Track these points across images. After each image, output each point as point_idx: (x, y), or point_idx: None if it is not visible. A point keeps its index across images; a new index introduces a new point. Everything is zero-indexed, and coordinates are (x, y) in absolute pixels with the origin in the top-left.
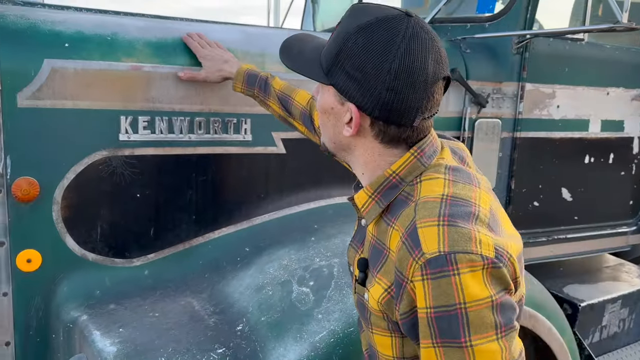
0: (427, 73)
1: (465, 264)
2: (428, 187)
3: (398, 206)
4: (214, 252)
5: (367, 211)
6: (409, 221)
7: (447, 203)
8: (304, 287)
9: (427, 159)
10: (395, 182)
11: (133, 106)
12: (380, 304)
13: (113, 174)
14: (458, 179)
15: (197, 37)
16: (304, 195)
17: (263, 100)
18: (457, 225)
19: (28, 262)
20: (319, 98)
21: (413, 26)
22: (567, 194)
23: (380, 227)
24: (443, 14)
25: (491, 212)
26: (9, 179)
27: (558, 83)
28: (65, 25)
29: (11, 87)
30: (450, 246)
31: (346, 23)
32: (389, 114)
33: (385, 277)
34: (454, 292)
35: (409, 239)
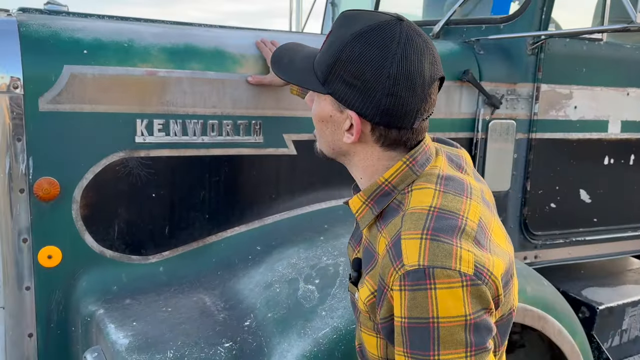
0: (424, 76)
1: (442, 280)
2: (417, 197)
3: (390, 214)
4: (226, 251)
5: (361, 216)
6: (395, 231)
7: (433, 215)
8: (310, 285)
9: (419, 167)
10: (387, 189)
11: (148, 109)
12: (366, 305)
13: (129, 175)
14: (449, 189)
15: (270, 44)
16: (315, 195)
17: None
18: (439, 239)
19: (49, 258)
20: (314, 107)
21: (406, 31)
22: (586, 196)
23: (372, 231)
24: (458, 15)
25: (480, 225)
26: (31, 179)
27: (575, 84)
28: (84, 33)
29: (33, 92)
30: (430, 260)
31: (339, 32)
32: (390, 119)
33: (372, 279)
34: (429, 305)
35: (392, 249)
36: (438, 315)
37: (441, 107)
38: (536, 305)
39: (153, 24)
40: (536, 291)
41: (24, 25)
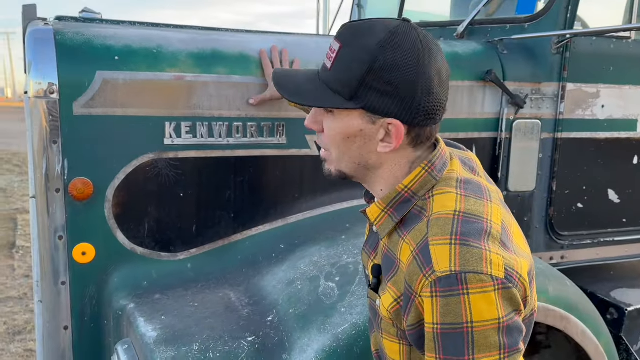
0: (446, 68)
1: (475, 284)
2: (440, 202)
3: (411, 220)
4: (251, 249)
5: (380, 224)
6: (421, 237)
7: (459, 220)
8: (330, 282)
9: (437, 172)
10: (407, 196)
11: (176, 113)
12: (390, 313)
13: (159, 175)
14: (469, 193)
15: (276, 53)
16: (337, 195)
17: None
18: (468, 244)
19: (83, 255)
20: (330, 128)
21: (417, 30)
22: (614, 196)
23: (392, 238)
24: (482, 15)
25: (503, 227)
26: (66, 179)
27: (602, 82)
28: (115, 40)
29: (68, 97)
30: (461, 266)
31: (357, 43)
32: (428, 117)
33: (395, 286)
34: (462, 311)
35: (420, 255)
36: (472, 320)
37: (464, 107)
38: (559, 305)
39: (181, 30)
40: (559, 291)
41: (60, 34)
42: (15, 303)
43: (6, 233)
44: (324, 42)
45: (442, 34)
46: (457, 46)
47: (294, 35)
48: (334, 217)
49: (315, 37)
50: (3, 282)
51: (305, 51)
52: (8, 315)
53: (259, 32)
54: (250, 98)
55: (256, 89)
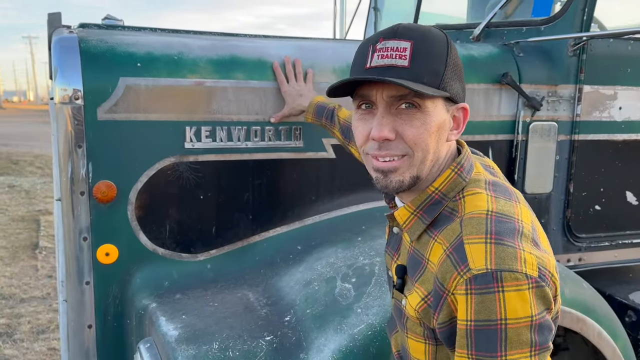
0: None
1: (510, 282)
2: (472, 202)
3: (442, 221)
4: (269, 250)
5: (409, 226)
6: (455, 236)
7: (492, 219)
8: (347, 284)
9: (466, 174)
10: (437, 198)
11: (196, 117)
12: (418, 312)
13: (180, 178)
14: (499, 194)
15: (290, 66)
16: (353, 197)
17: (330, 128)
18: (503, 243)
19: (107, 256)
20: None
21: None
22: (632, 198)
23: (421, 239)
24: (499, 17)
25: (532, 226)
26: (90, 182)
27: (620, 84)
28: (137, 47)
29: (92, 103)
30: (497, 264)
31: (431, 39)
32: (464, 95)
33: (423, 286)
34: (497, 308)
35: (454, 254)
36: (506, 317)
37: (480, 110)
38: (575, 307)
39: (201, 36)
40: (575, 293)
41: (84, 41)
42: (38, 303)
43: (29, 234)
44: (340, 47)
45: (459, 36)
46: (473, 49)
47: (311, 40)
48: (350, 219)
49: (331, 42)
50: (27, 282)
51: (322, 57)
52: (32, 314)
53: (276, 37)
54: (272, 117)
55: (273, 94)
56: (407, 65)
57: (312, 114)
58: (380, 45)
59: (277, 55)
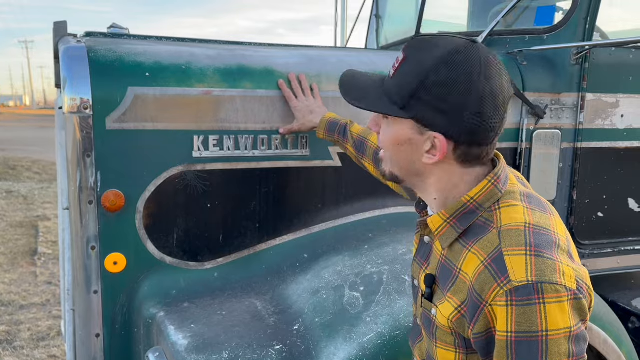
0: (504, 93)
1: (551, 294)
2: (508, 214)
3: (476, 231)
4: (275, 258)
5: (441, 234)
6: (493, 248)
7: (530, 232)
8: (355, 292)
9: (502, 185)
10: (472, 207)
11: (204, 126)
12: (451, 321)
13: (187, 187)
14: (534, 206)
15: (295, 83)
16: (359, 205)
17: (342, 144)
18: (543, 255)
19: (115, 264)
20: (387, 131)
21: (483, 52)
22: (635, 204)
23: (453, 248)
24: (501, 26)
25: (567, 239)
26: (99, 191)
27: (622, 92)
28: (145, 57)
29: (101, 112)
30: (537, 276)
31: (417, 57)
32: (475, 137)
33: (456, 296)
34: (538, 320)
35: (493, 265)
36: (547, 328)
37: None
38: None
39: (207, 45)
40: None
41: (92, 51)
42: (38, 309)
43: (28, 240)
44: (345, 56)
45: None
46: None
47: (316, 48)
48: (357, 227)
49: (336, 50)
50: (26, 288)
51: (328, 66)
52: (32, 321)
53: (281, 46)
54: (280, 128)
55: (280, 102)
56: (391, 76)
57: (324, 130)
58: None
59: (284, 64)
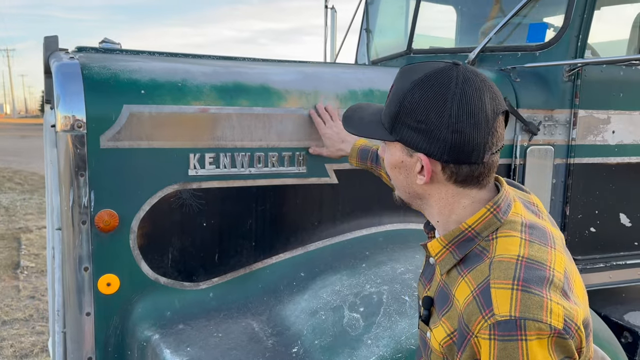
0: (486, 110)
1: (533, 332)
2: (503, 245)
3: (472, 259)
4: (272, 277)
5: (440, 259)
6: (483, 278)
7: (522, 265)
8: (355, 313)
9: (502, 215)
10: (470, 235)
11: (200, 144)
12: (442, 347)
13: (182, 205)
14: (534, 238)
15: (323, 112)
16: (356, 222)
17: (376, 170)
18: (530, 291)
19: (108, 286)
20: (386, 157)
21: (463, 73)
22: (626, 220)
23: (451, 273)
24: (494, 42)
25: (565, 275)
26: (92, 211)
27: (613, 109)
28: (141, 74)
29: (95, 131)
30: (521, 312)
31: (399, 84)
32: (458, 155)
33: (449, 321)
34: (520, 356)
35: (480, 296)
36: None
37: None
38: None
39: (202, 61)
40: None
41: (86, 68)
42: (21, 325)
43: (10, 253)
44: (341, 73)
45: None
46: None
47: (310, 65)
48: (354, 245)
49: (331, 67)
50: (8, 303)
51: (323, 83)
52: (14, 337)
53: (276, 62)
54: (311, 147)
55: (277, 120)
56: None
57: (357, 158)
58: None
59: (280, 81)
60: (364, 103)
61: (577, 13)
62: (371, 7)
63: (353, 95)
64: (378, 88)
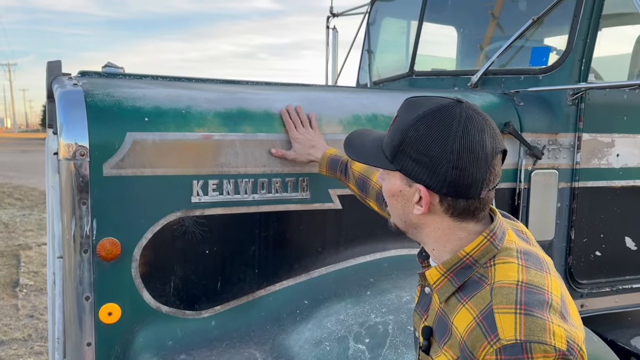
0: (486, 149)
1: (539, 354)
2: (502, 271)
3: (471, 286)
4: (275, 304)
5: (439, 287)
6: (485, 304)
7: (522, 290)
8: (360, 344)
9: (499, 242)
10: (469, 263)
11: (204, 171)
12: None
13: (185, 233)
14: (530, 264)
15: (294, 114)
16: (360, 248)
17: (345, 182)
18: (533, 314)
19: (109, 315)
20: (384, 184)
21: (466, 110)
22: (631, 243)
23: (449, 302)
24: (496, 65)
25: (562, 299)
26: (94, 240)
27: (617, 132)
28: (144, 101)
29: (98, 159)
30: (526, 335)
31: (404, 116)
32: (457, 190)
33: (451, 350)
34: None
35: (484, 322)
36: None
37: None
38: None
39: (205, 86)
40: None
41: (90, 95)
42: (19, 345)
43: (9, 270)
44: (345, 98)
45: (455, 82)
46: (475, 98)
47: (315, 89)
48: (358, 271)
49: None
50: (7, 322)
51: (327, 109)
52: (12, 358)
53: (279, 85)
54: (273, 148)
55: (281, 145)
56: (386, 133)
57: (327, 167)
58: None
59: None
60: (365, 129)
61: (580, 37)
62: (372, 28)
63: (357, 120)
64: (382, 113)
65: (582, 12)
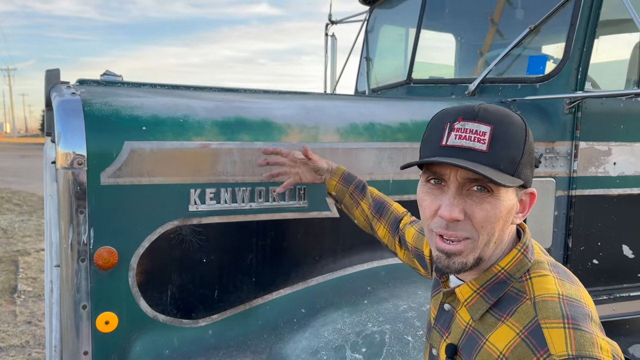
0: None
1: None
2: (540, 284)
3: (508, 301)
4: (272, 313)
5: (470, 304)
6: (529, 319)
7: (565, 304)
8: (357, 354)
9: (531, 255)
10: (503, 277)
11: (201, 180)
12: None
13: (182, 242)
14: (562, 277)
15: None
16: (357, 257)
17: (356, 198)
18: (581, 328)
19: (106, 324)
20: (493, 208)
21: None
22: (629, 251)
23: (484, 319)
24: (494, 74)
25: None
26: (91, 248)
27: (614, 140)
28: (142, 110)
29: (96, 168)
30: (577, 350)
31: (510, 124)
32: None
33: None
34: None
35: (530, 337)
36: None
37: None
38: None
39: (203, 94)
40: None
41: (88, 104)
42: (17, 352)
43: (7, 276)
44: (343, 107)
45: (453, 90)
46: None
47: (313, 97)
48: (355, 279)
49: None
50: (4, 329)
51: (325, 117)
52: None
53: (278, 93)
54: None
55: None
56: (485, 149)
57: (340, 178)
58: (459, 125)
59: (281, 115)
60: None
61: (576, 46)
62: (371, 35)
63: (354, 129)
64: (379, 122)
65: (579, 21)
